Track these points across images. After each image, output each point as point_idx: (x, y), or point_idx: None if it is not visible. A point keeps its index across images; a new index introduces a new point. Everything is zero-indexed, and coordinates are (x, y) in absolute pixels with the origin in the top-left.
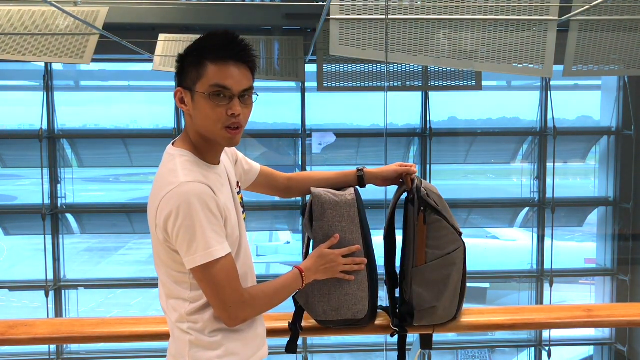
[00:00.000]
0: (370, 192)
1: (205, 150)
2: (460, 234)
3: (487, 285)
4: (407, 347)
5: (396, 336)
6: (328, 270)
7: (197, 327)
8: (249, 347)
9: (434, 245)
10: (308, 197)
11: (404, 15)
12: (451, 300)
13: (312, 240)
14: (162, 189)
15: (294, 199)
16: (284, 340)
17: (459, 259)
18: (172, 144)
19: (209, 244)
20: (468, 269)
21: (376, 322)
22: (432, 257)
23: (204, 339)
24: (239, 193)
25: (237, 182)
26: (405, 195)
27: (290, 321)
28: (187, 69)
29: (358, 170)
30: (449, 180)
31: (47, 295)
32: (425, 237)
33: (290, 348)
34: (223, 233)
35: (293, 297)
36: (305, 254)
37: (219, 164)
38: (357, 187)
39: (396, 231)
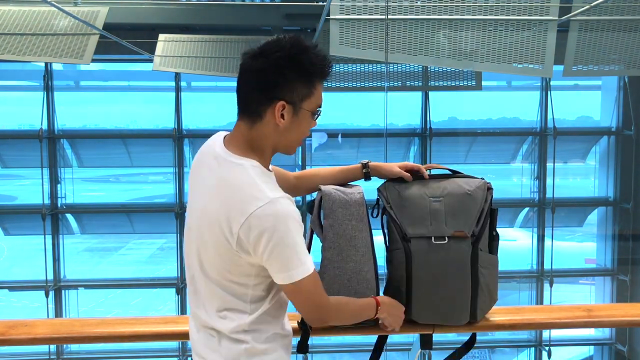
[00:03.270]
0: (370, 192)
1: (268, 158)
2: (409, 240)
3: None
4: (404, 348)
5: (396, 336)
6: (395, 318)
7: (255, 336)
8: (289, 351)
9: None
10: (314, 194)
11: (404, 15)
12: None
13: (314, 236)
14: (248, 204)
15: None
16: None
17: (396, 259)
18: (228, 150)
19: (303, 260)
20: None
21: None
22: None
23: (259, 346)
24: None
25: None
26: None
27: (299, 320)
28: (293, 84)
29: (363, 166)
30: None
31: (47, 295)
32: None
33: (302, 348)
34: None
35: None
36: (307, 248)
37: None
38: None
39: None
